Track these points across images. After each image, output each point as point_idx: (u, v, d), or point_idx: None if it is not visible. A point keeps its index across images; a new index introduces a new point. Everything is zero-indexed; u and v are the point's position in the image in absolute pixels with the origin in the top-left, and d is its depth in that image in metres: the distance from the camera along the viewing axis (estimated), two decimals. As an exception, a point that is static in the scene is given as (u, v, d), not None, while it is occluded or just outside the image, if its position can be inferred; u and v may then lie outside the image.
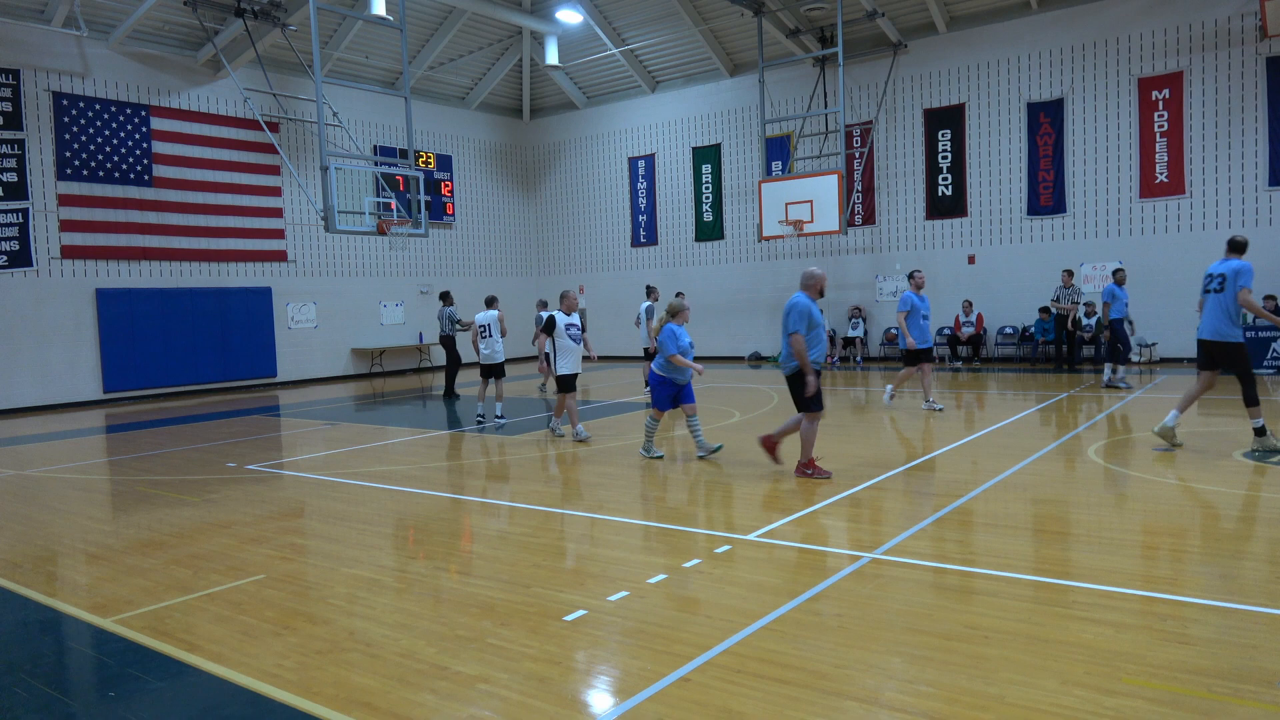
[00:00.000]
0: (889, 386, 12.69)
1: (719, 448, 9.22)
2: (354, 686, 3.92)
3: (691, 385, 9.20)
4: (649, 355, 16.19)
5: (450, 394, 16.75)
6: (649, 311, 15.91)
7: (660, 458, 9.20)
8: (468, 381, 18.65)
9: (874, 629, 4.34)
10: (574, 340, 10.76)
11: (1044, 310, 18.09)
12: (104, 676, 4.26)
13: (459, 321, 16.91)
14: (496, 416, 12.66)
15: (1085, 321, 17.72)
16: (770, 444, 8.45)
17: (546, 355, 11.28)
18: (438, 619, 4.75)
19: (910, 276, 12.36)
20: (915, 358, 12.16)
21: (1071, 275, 17.20)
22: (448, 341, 17.07)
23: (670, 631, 4.40)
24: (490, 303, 12.91)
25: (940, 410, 11.95)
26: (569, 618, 4.66)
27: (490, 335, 12.54)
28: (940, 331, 19.74)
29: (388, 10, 18.15)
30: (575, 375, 10.88)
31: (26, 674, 4.25)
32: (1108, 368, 14.25)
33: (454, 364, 17.09)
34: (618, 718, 3.53)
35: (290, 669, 4.14)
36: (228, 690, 3.97)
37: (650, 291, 16.58)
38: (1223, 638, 4.06)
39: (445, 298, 17.30)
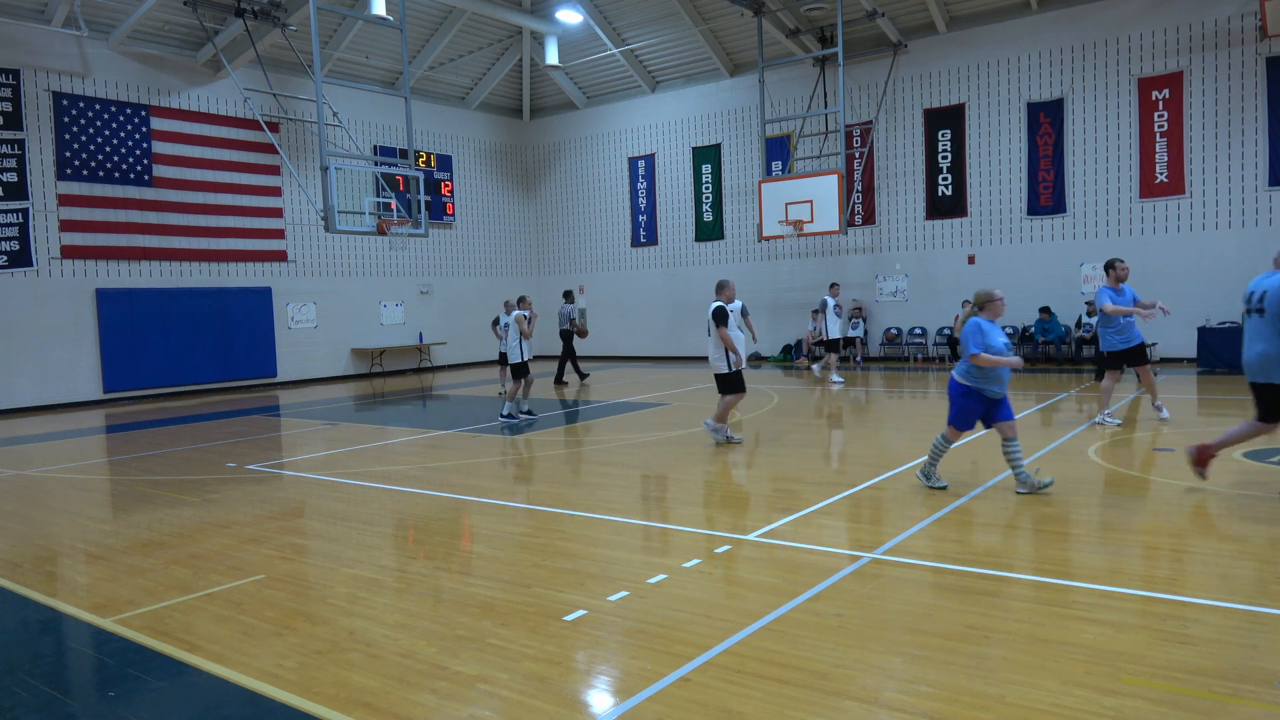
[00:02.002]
0: (1105, 413, 10.37)
1: (1049, 483, 7.03)
2: (354, 686, 3.92)
3: (1009, 400, 7.08)
4: (827, 347, 16.23)
5: (561, 380, 18.47)
6: (837, 309, 15.87)
7: (944, 488, 7.22)
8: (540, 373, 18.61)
9: (874, 629, 4.33)
10: (741, 330, 9.93)
11: (1044, 310, 18.09)
12: (104, 676, 4.26)
13: (574, 319, 18.71)
14: (524, 412, 12.86)
15: (1086, 320, 17.73)
16: (1208, 455, 6.89)
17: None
18: (438, 619, 4.75)
19: (1109, 268, 10.05)
20: (1112, 362, 10.18)
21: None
22: (566, 335, 18.63)
23: (670, 631, 4.40)
24: (520, 303, 13.20)
25: (1119, 425, 10.18)
26: (569, 618, 4.66)
27: (506, 336, 13.18)
28: (940, 331, 19.75)
29: (388, 10, 18.15)
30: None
31: (26, 674, 4.25)
32: None
33: (568, 355, 18.71)
34: (618, 718, 3.53)
35: (290, 669, 4.14)
36: (228, 690, 3.97)
37: (833, 288, 16.50)
38: (1223, 638, 4.06)
39: (567, 296, 19.44)
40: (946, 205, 19.81)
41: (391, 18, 18.17)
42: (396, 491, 8.22)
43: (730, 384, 9.81)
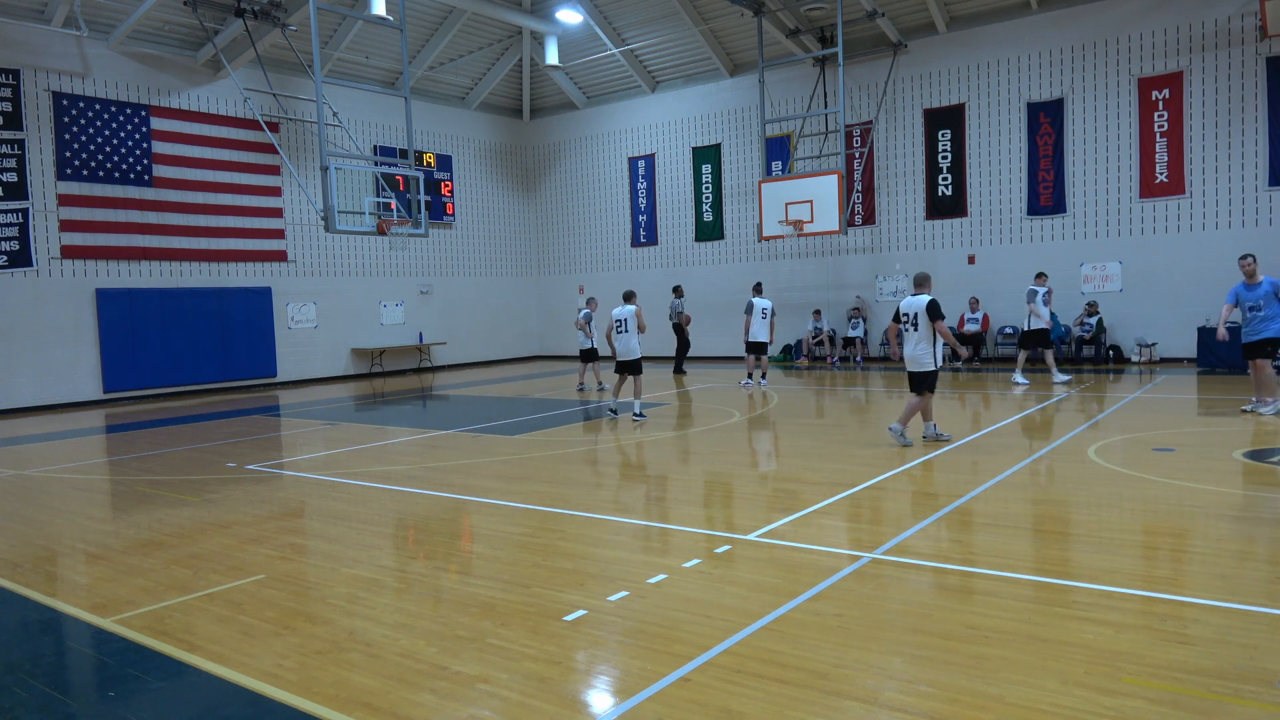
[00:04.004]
0: (1268, 405, 10.63)
1: None
2: (354, 686, 3.92)
3: None
4: (1025, 341, 14.82)
5: (679, 370, 19.83)
6: (1046, 298, 14.40)
7: None
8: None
9: (874, 629, 4.33)
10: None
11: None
12: (104, 676, 4.26)
13: (680, 312, 19.54)
14: (635, 414, 12.20)
15: (1086, 321, 17.73)
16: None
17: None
18: (438, 619, 4.75)
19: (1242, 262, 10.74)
20: (1250, 353, 10.64)
21: None
22: (678, 328, 19.81)
23: (670, 631, 4.40)
24: (628, 298, 12.61)
25: (1262, 414, 10.50)
26: (569, 618, 4.66)
27: (626, 330, 12.27)
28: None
29: (388, 10, 18.14)
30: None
31: (26, 674, 4.25)
32: None
33: (684, 346, 19.98)
34: (618, 718, 3.53)
35: (290, 669, 4.14)
36: (228, 690, 3.97)
37: (1040, 277, 14.65)
38: (1223, 638, 4.06)
39: (677, 291, 20.09)
40: (946, 205, 19.81)
41: (391, 18, 18.16)
42: (396, 491, 8.22)
43: (933, 382, 9.42)
